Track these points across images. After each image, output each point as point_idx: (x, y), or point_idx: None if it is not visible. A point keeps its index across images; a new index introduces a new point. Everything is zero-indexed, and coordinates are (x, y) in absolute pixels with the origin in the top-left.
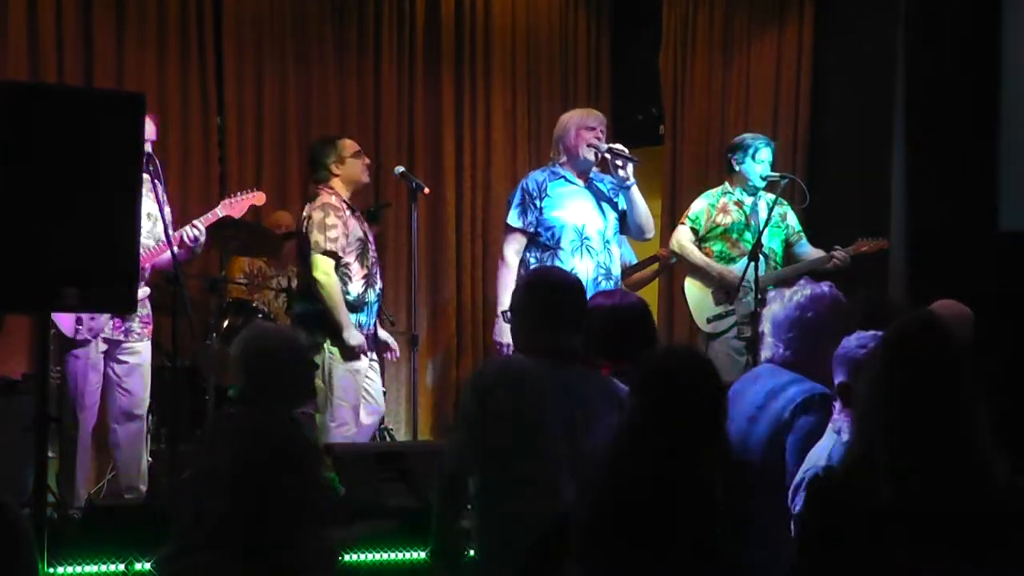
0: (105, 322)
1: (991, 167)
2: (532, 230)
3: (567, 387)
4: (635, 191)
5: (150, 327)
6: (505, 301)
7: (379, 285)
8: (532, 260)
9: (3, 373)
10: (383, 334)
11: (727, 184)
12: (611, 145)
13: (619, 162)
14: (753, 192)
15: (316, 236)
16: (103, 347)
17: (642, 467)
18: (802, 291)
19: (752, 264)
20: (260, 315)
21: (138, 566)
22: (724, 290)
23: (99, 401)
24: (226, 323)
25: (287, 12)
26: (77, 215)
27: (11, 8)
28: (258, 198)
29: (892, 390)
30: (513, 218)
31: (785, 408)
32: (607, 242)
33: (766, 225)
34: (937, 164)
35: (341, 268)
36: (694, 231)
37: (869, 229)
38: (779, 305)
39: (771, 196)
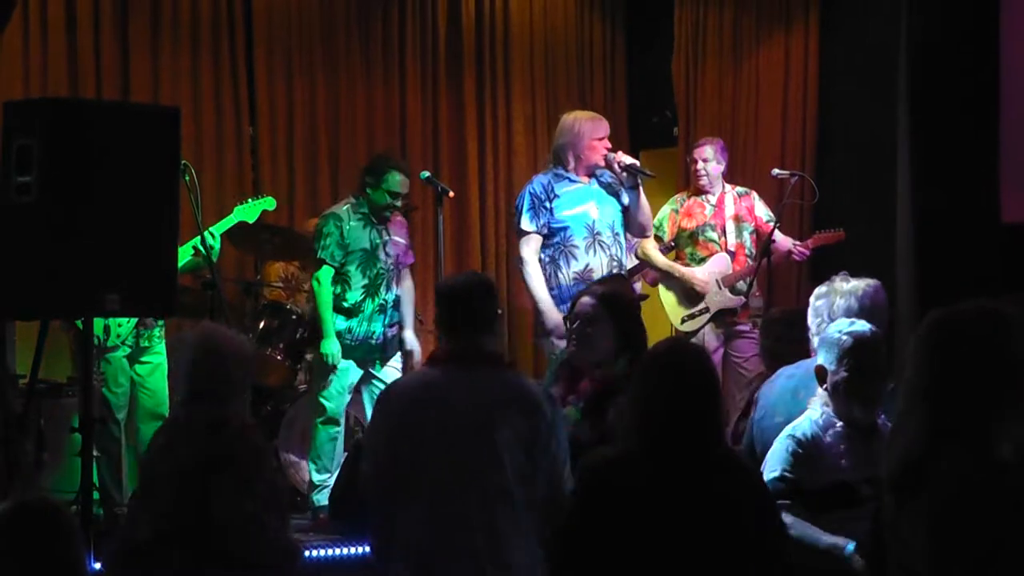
0: (130, 331)
1: (993, 161)
2: (545, 232)
3: (470, 390)
4: (640, 192)
5: (163, 330)
6: (543, 296)
7: (386, 294)
8: (546, 259)
9: (49, 377)
10: (409, 340)
11: (693, 187)
12: (630, 163)
13: (635, 176)
14: (707, 190)
15: (314, 244)
16: (127, 351)
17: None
18: (861, 284)
19: (765, 259)
20: (294, 316)
21: None
22: (689, 292)
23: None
24: (261, 325)
25: (315, 24)
26: (117, 224)
27: (51, 25)
28: (268, 203)
29: (933, 362)
30: (526, 222)
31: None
32: (617, 234)
33: (777, 223)
34: (941, 158)
35: (341, 275)
36: (658, 239)
37: (876, 222)
38: (840, 298)
39: (739, 189)
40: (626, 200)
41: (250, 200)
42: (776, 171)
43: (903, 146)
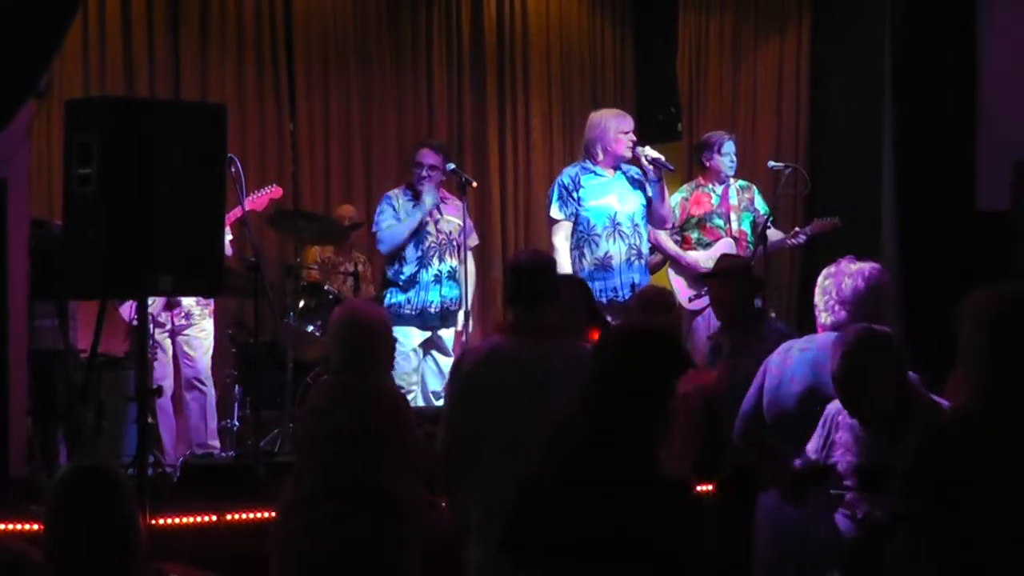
0: (159, 311)
1: (970, 154)
2: (572, 220)
3: (537, 359)
4: (663, 186)
5: (210, 307)
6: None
7: (439, 265)
8: (572, 246)
9: (108, 351)
10: (461, 321)
11: (699, 178)
12: (655, 156)
13: (659, 170)
14: (723, 181)
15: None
16: (165, 330)
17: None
18: (865, 266)
19: (761, 247)
20: (331, 296)
21: (229, 517)
22: (695, 275)
23: (170, 376)
24: (301, 304)
25: (349, 28)
26: (169, 212)
27: (108, 33)
28: (275, 192)
29: (1006, 338)
30: (555, 211)
31: None
32: (636, 225)
33: (773, 212)
34: (922, 151)
35: (396, 252)
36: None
37: (863, 211)
38: (842, 278)
39: (741, 182)
40: (651, 192)
41: (258, 191)
42: (772, 164)
43: (888, 140)
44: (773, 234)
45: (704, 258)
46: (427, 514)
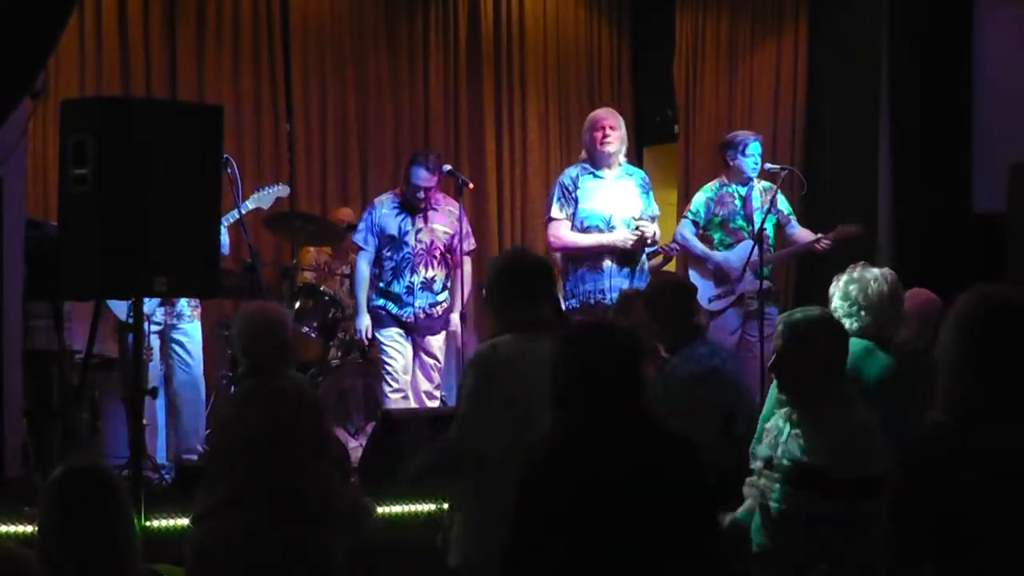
0: (154, 308)
1: (966, 156)
2: (571, 220)
3: (541, 360)
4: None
5: (199, 310)
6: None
7: (411, 277)
8: None
9: (103, 352)
10: (453, 321)
11: (723, 178)
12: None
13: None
14: (746, 182)
15: None
16: (156, 328)
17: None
18: (886, 271)
19: (756, 246)
20: (327, 298)
21: None
22: (721, 275)
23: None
24: (297, 305)
25: (346, 29)
26: (165, 212)
27: (104, 29)
28: (282, 190)
29: (988, 346)
30: (555, 211)
31: None
32: (630, 228)
33: (769, 211)
34: (918, 153)
35: (379, 258)
36: (695, 223)
37: (859, 213)
38: (867, 284)
39: (764, 183)
40: (646, 205)
41: (266, 188)
42: (768, 165)
43: (884, 142)
44: (801, 234)
45: (734, 259)
46: (355, 516)
